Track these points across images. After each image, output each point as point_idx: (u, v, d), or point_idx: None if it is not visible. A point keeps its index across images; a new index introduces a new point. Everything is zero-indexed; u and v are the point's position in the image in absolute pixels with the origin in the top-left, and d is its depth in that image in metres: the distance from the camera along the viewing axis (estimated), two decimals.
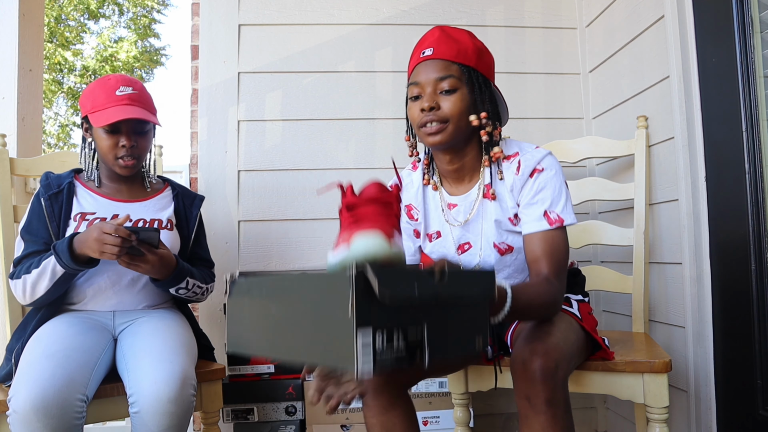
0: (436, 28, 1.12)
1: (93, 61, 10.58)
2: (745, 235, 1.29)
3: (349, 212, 0.79)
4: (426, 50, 1.08)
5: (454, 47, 1.07)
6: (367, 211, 0.78)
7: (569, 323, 1.05)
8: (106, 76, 1.38)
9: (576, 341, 1.03)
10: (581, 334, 1.07)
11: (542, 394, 0.88)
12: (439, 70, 1.05)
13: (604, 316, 1.93)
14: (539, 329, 0.99)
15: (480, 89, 1.07)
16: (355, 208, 0.79)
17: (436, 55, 1.06)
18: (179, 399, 1.11)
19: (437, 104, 1.05)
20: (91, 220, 1.33)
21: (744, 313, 1.30)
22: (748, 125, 1.29)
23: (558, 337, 0.96)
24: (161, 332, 1.26)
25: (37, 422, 1.02)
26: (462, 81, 1.06)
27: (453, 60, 1.06)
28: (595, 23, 1.91)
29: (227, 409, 1.62)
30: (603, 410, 1.94)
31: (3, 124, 1.71)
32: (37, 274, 1.23)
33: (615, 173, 1.79)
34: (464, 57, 1.06)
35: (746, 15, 1.29)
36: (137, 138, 1.35)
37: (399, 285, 0.64)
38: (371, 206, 0.79)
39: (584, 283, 1.28)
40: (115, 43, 10.85)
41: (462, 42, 1.08)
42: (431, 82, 1.06)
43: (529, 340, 0.95)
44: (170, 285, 1.34)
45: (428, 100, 1.05)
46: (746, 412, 1.30)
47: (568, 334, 1.01)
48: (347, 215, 0.79)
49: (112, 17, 10.95)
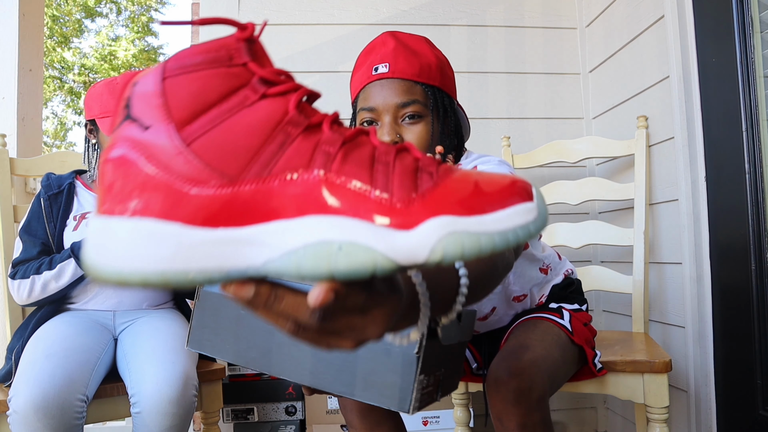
0: (388, 36, 0.93)
1: (92, 60, 10.58)
2: (745, 235, 1.29)
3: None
4: (380, 66, 0.90)
5: (415, 63, 0.90)
6: None
7: (555, 336, 0.98)
8: (113, 79, 1.36)
9: (561, 356, 0.95)
10: (570, 347, 1.00)
11: (514, 418, 0.82)
12: (399, 94, 0.88)
13: (604, 316, 1.93)
14: (519, 344, 0.91)
15: (446, 113, 0.93)
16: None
17: (395, 73, 0.89)
18: (181, 399, 1.11)
19: (400, 136, 0.88)
20: None
21: (744, 313, 1.30)
22: (748, 125, 1.29)
23: (537, 354, 0.88)
24: (162, 332, 1.26)
25: (37, 422, 1.02)
26: (427, 106, 0.90)
27: (415, 80, 0.89)
28: (595, 23, 1.92)
29: (227, 409, 1.62)
30: (603, 410, 1.94)
31: (3, 124, 1.71)
32: (53, 276, 1.24)
33: (615, 173, 1.79)
34: (428, 75, 0.90)
35: (746, 15, 1.29)
36: None
37: (451, 331, 0.63)
38: None
39: (581, 291, 1.19)
40: (113, 41, 10.85)
41: (423, 55, 0.91)
42: (391, 108, 0.88)
43: (505, 356, 0.87)
44: None
45: (389, 132, 0.88)
46: (746, 412, 1.30)
47: (551, 349, 0.93)
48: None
49: (110, 15, 10.95)
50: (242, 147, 0.36)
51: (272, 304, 0.36)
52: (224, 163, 0.36)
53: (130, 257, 0.35)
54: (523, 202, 0.36)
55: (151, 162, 0.36)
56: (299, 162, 0.36)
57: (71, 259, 1.23)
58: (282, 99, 0.38)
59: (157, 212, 0.35)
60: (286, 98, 0.38)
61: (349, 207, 0.35)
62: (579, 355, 1.05)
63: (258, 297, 0.36)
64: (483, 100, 1.93)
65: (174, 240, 0.35)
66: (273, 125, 0.37)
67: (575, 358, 1.03)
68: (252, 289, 0.36)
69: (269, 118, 0.37)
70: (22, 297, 1.28)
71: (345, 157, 0.37)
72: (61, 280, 1.25)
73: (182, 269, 0.35)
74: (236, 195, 0.36)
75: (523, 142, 1.91)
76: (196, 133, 0.36)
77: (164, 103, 0.36)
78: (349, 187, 0.36)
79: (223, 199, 0.35)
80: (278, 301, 0.36)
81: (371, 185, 0.36)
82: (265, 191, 0.36)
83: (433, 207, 0.36)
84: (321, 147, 0.37)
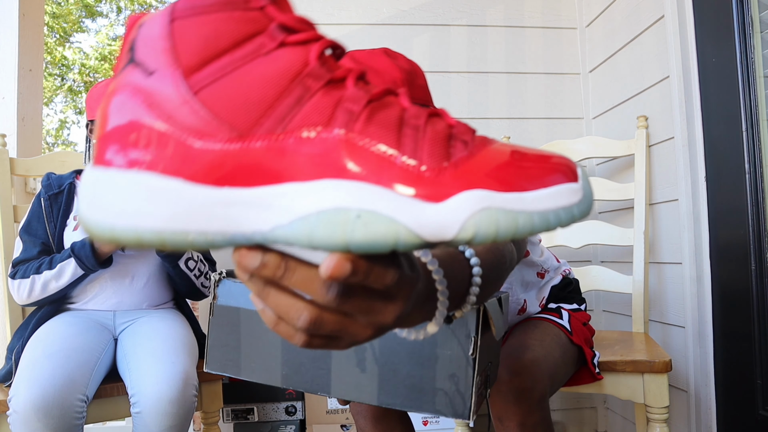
0: (346, 60, 0.86)
1: (93, 60, 10.58)
2: (745, 235, 1.29)
3: None
4: None
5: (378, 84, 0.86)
6: None
7: (555, 337, 0.99)
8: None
9: (561, 356, 0.97)
10: (569, 347, 1.02)
11: (515, 416, 0.83)
12: None
13: (604, 316, 1.93)
14: (520, 344, 0.93)
15: None
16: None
17: None
18: (181, 399, 1.11)
19: None
20: None
21: (744, 313, 1.30)
22: (748, 125, 1.29)
23: (538, 353, 0.89)
24: (162, 332, 1.26)
25: (38, 422, 1.02)
26: None
27: None
28: (595, 23, 1.91)
29: (227, 409, 1.62)
30: (603, 410, 1.94)
31: (3, 124, 1.71)
32: (53, 275, 1.24)
33: (615, 173, 1.79)
34: None
35: (746, 15, 1.29)
36: None
37: (500, 321, 0.59)
38: None
39: (579, 290, 1.20)
40: (113, 41, 10.85)
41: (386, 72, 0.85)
42: None
43: (505, 356, 0.88)
44: (177, 255, 1.33)
45: None
46: (746, 412, 1.30)
47: (551, 349, 0.94)
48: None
49: (110, 15, 10.95)
50: (255, 99, 0.33)
51: (281, 277, 0.33)
52: (234, 115, 0.32)
53: (125, 213, 0.32)
54: (568, 183, 0.33)
55: (154, 111, 0.33)
56: (318, 119, 0.33)
57: (71, 258, 1.24)
58: (302, 48, 0.34)
59: (157, 166, 0.32)
60: (306, 48, 0.34)
61: (372, 172, 0.32)
62: (578, 355, 1.05)
63: (265, 267, 0.33)
64: (483, 100, 1.93)
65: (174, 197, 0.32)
66: (291, 77, 0.33)
67: (574, 358, 1.04)
68: (258, 257, 0.33)
69: (287, 69, 0.33)
70: (22, 297, 1.28)
71: (370, 118, 0.33)
72: (61, 279, 1.25)
73: (181, 229, 0.32)
74: (245, 151, 0.32)
75: (523, 142, 1.91)
76: (204, 81, 0.33)
77: (171, 47, 0.33)
78: (372, 150, 0.32)
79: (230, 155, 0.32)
80: (289, 274, 0.33)
81: (398, 150, 0.33)
82: (278, 149, 0.32)
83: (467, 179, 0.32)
84: (343, 104, 0.33)
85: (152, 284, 1.38)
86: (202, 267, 1.40)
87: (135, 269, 1.36)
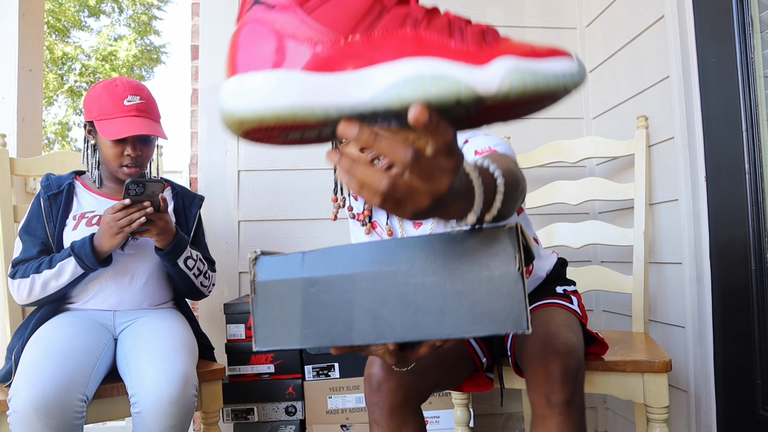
0: None
1: (93, 61, 10.57)
2: (745, 235, 1.29)
3: None
4: None
5: None
6: None
7: (575, 324, 1.03)
8: (113, 80, 1.35)
9: (582, 343, 1.01)
10: (582, 333, 1.06)
11: (562, 394, 0.86)
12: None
13: (604, 316, 1.93)
14: (555, 328, 0.96)
15: None
16: None
17: None
18: (181, 399, 1.11)
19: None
20: (90, 218, 1.34)
21: (744, 313, 1.30)
22: (748, 125, 1.29)
23: (574, 339, 0.94)
24: (162, 332, 1.26)
25: (38, 422, 1.02)
26: None
27: None
28: (595, 23, 1.91)
29: (227, 409, 1.62)
30: (603, 410, 1.94)
31: (3, 124, 1.71)
32: (53, 275, 1.24)
33: (615, 173, 1.79)
34: None
35: (746, 15, 1.29)
36: (142, 147, 1.36)
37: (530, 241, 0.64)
38: None
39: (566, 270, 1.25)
40: (115, 41, 10.84)
41: None
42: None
43: (548, 340, 0.92)
44: (176, 254, 1.33)
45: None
46: (746, 412, 1.30)
47: (579, 336, 0.99)
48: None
49: (112, 15, 10.94)
50: (351, 13, 0.49)
51: (373, 142, 0.46)
52: (338, 25, 0.49)
53: (265, 98, 0.47)
54: (568, 58, 0.50)
55: (281, 31, 0.49)
56: (395, 24, 0.49)
57: (71, 257, 1.24)
58: None
59: (287, 65, 0.48)
60: None
61: (436, 52, 0.48)
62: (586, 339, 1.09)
63: (362, 134, 0.46)
64: None
65: (300, 83, 0.47)
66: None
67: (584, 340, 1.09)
68: (357, 126, 0.46)
69: None
70: (22, 296, 1.28)
71: (429, 22, 0.50)
72: (61, 278, 1.25)
73: (307, 104, 0.47)
74: (348, 47, 0.48)
75: (523, 142, 1.91)
76: (313, 6, 0.49)
77: None
78: (434, 39, 0.49)
79: (338, 50, 0.48)
80: (378, 140, 0.46)
81: (451, 38, 0.49)
82: (371, 42, 0.48)
83: (501, 51, 0.48)
84: (410, 15, 0.50)
85: (152, 283, 1.38)
86: (201, 266, 1.40)
87: (134, 268, 1.36)
